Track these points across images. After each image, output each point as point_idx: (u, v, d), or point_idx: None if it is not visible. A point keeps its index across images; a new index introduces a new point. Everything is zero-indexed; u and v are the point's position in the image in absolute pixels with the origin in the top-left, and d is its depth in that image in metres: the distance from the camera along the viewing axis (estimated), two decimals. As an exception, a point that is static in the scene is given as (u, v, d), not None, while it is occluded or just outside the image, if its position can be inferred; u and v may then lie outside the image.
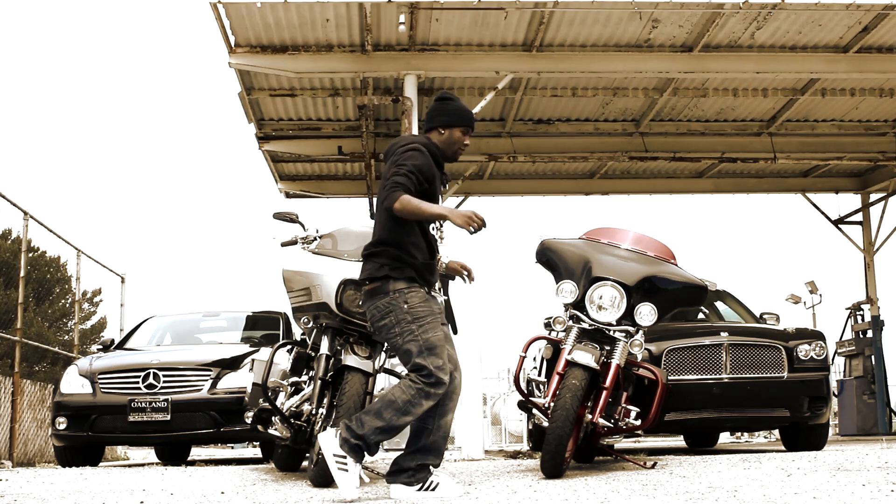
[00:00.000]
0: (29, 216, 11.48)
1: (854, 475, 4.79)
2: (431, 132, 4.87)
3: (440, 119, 4.85)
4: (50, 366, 26.75)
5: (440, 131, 4.84)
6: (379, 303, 4.59)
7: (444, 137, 4.83)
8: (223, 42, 10.30)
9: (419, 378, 4.49)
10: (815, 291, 24.60)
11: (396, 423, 4.44)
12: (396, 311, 4.55)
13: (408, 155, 4.65)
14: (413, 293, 4.58)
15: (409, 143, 4.74)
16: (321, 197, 15.81)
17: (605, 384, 5.69)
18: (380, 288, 4.59)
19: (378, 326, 4.65)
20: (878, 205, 16.12)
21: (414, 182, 4.56)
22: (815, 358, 8.43)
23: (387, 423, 4.43)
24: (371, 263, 4.67)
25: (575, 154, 13.65)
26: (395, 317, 4.55)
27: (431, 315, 4.58)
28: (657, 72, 11.08)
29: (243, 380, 8.40)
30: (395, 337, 4.56)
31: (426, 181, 4.63)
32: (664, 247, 6.14)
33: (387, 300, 4.57)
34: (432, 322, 4.57)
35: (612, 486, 4.86)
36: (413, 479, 4.57)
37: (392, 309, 4.56)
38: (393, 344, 4.62)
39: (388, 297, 4.57)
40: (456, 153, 4.91)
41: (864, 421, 15.80)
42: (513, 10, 9.90)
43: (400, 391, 4.48)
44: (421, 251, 4.65)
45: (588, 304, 5.79)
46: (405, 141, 4.80)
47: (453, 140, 4.85)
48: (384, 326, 4.60)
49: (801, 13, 10.16)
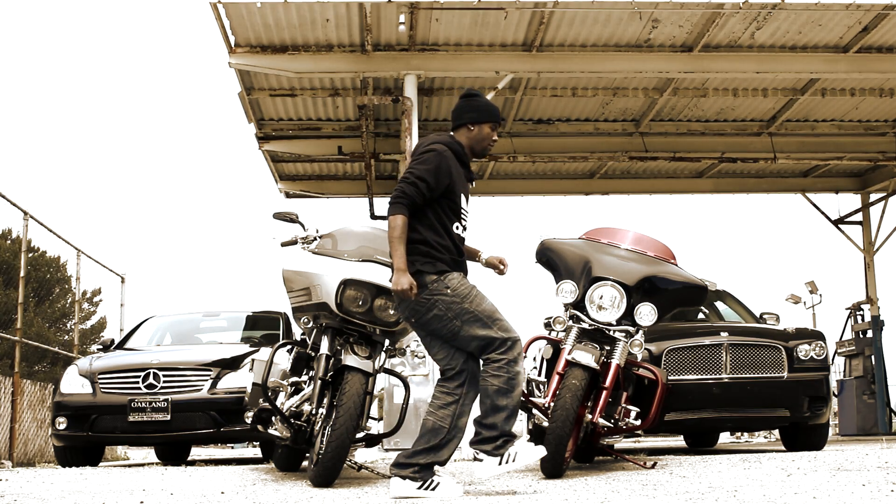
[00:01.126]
0: (29, 216, 11.48)
1: (854, 475, 4.79)
2: (459, 129, 4.90)
3: (469, 116, 4.88)
4: (50, 366, 26.74)
5: (469, 128, 4.87)
6: (419, 298, 4.58)
7: (473, 134, 4.87)
8: (223, 42, 10.30)
9: (498, 354, 4.53)
10: (815, 291, 24.62)
11: (515, 402, 4.52)
12: (442, 299, 4.56)
13: (423, 158, 4.67)
14: (449, 278, 4.60)
15: (429, 145, 4.76)
16: (321, 197, 15.81)
17: (605, 384, 5.70)
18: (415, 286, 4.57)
19: (426, 321, 4.62)
20: (878, 205, 16.12)
21: (421, 191, 4.59)
22: (815, 358, 8.43)
23: (508, 407, 4.51)
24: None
25: (575, 154, 13.65)
26: (444, 304, 4.56)
27: (474, 289, 4.63)
28: (657, 72, 11.08)
29: (243, 380, 8.39)
30: (450, 322, 4.56)
31: (440, 185, 4.63)
32: (664, 247, 6.14)
33: (427, 293, 4.57)
34: (478, 295, 4.62)
35: (612, 486, 4.86)
36: (417, 476, 4.55)
37: (436, 299, 4.56)
38: (451, 330, 4.58)
39: (426, 289, 4.57)
40: (485, 149, 4.94)
41: (864, 421, 15.79)
42: (513, 10, 9.90)
43: (494, 378, 4.51)
44: (448, 251, 4.68)
45: (588, 304, 5.79)
46: (427, 142, 4.81)
47: (483, 136, 4.88)
48: (434, 318, 4.59)
49: (801, 13, 10.16)
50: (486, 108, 4.90)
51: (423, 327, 4.68)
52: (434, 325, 4.62)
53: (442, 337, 4.64)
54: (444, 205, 4.70)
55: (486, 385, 4.54)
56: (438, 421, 4.60)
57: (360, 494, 4.66)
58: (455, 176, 4.72)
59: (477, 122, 4.87)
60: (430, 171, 4.62)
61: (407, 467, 4.57)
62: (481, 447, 4.53)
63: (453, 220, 4.74)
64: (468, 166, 4.89)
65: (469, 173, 4.89)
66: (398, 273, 4.49)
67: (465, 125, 4.88)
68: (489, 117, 4.88)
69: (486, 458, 4.51)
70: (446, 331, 4.60)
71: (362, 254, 5.33)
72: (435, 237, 4.64)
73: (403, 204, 4.55)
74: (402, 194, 4.57)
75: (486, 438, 4.52)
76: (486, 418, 4.53)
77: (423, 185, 4.59)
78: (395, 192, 4.59)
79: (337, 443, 4.90)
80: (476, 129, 4.87)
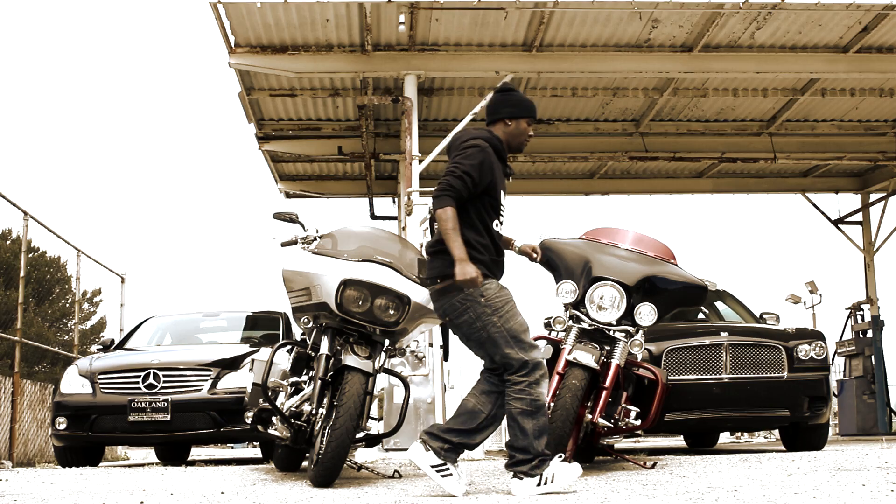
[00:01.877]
0: (29, 216, 11.48)
1: (854, 475, 4.79)
2: (496, 124, 4.86)
3: (507, 111, 4.84)
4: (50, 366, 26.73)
5: (507, 123, 4.83)
6: (454, 300, 4.57)
7: (510, 129, 4.83)
8: (223, 42, 10.31)
9: (520, 377, 4.49)
10: (815, 291, 24.61)
11: (542, 422, 4.48)
12: (475, 306, 4.53)
13: (468, 153, 4.62)
14: (487, 286, 4.57)
15: (471, 139, 4.70)
16: (321, 197, 15.82)
17: (605, 384, 5.70)
18: (453, 285, 4.54)
19: (457, 324, 4.62)
20: (878, 205, 16.13)
21: (468, 185, 4.55)
22: (815, 358, 8.43)
23: (535, 428, 4.46)
24: (440, 261, 4.62)
25: (575, 154, 13.65)
26: (475, 312, 4.53)
27: (509, 303, 4.58)
28: (657, 72, 11.09)
29: (243, 380, 8.38)
30: (479, 331, 4.54)
31: (483, 181, 4.60)
32: (664, 247, 6.14)
33: (462, 296, 4.54)
34: (511, 310, 4.57)
35: (612, 486, 4.86)
36: (441, 454, 4.50)
37: (469, 304, 4.54)
38: (477, 339, 4.57)
39: (462, 292, 4.54)
40: (521, 144, 4.90)
41: (864, 421, 15.79)
42: (513, 10, 9.90)
43: (516, 401, 4.47)
44: (488, 250, 4.66)
45: (588, 304, 5.79)
46: (467, 136, 4.75)
47: (520, 131, 4.85)
48: (464, 323, 4.58)
49: (801, 13, 10.16)
50: (523, 104, 4.87)
51: (457, 329, 4.69)
52: (465, 330, 4.62)
53: (473, 341, 4.63)
54: (484, 201, 4.66)
55: (511, 408, 4.50)
56: (479, 405, 4.58)
57: (360, 494, 4.65)
58: (496, 171, 4.69)
59: (514, 118, 4.83)
60: (474, 166, 4.58)
61: (437, 440, 4.52)
62: (517, 469, 4.48)
63: (493, 217, 4.71)
64: (506, 161, 4.85)
65: (507, 168, 4.85)
66: (461, 263, 4.42)
67: (502, 120, 4.84)
68: (526, 112, 4.85)
69: (525, 478, 4.46)
70: (475, 337, 4.59)
71: (362, 254, 5.32)
72: (476, 237, 4.61)
73: (451, 196, 4.50)
74: (448, 187, 4.51)
75: (521, 461, 4.48)
76: (517, 442, 4.49)
77: (468, 179, 4.54)
78: (442, 185, 4.53)
79: (337, 443, 4.89)
80: (513, 124, 4.83)
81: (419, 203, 10.29)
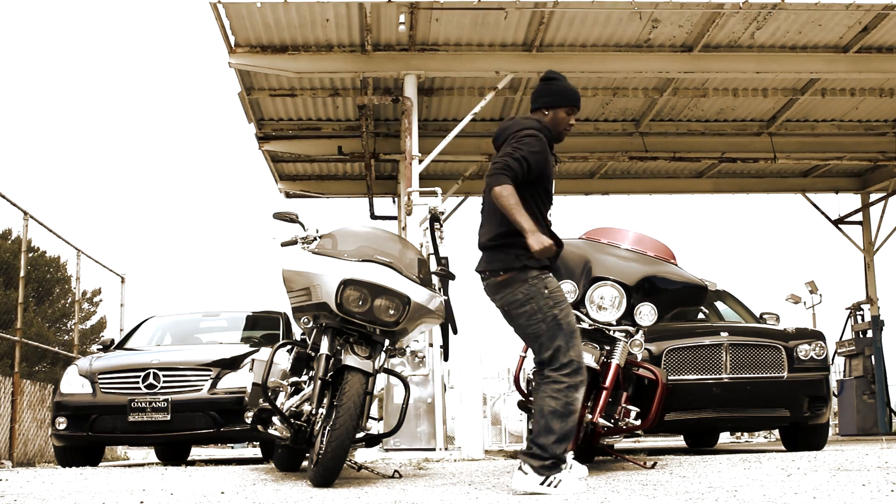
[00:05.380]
0: (29, 216, 11.48)
1: (854, 475, 4.79)
2: (535, 113, 4.84)
3: (544, 100, 4.82)
4: (50, 366, 26.73)
5: (544, 112, 4.82)
6: (518, 291, 4.57)
7: (548, 118, 4.81)
8: (223, 42, 10.31)
9: (562, 376, 4.48)
10: (815, 291, 24.60)
11: (569, 426, 4.46)
12: (538, 297, 4.55)
13: (526, 141, 4.61)
14: (549, 279, 4.60)
15: (527, 128, 4.68)
16: (321, 197, 15.82)
17: (605, 384, 5.70)
18: (517, 276, 4.56)
19: (517, 314, 4.61)
20: (878, 205, 16.13)
21: (524, 169, 4.53)
22: (815, 358, 8.43)
23: (562, 431, 4.44)
24: (503, 253, 4.62)
25: (575, 154, 13.65)
26: (537, 303, 4.54)
27: (566, 300, 4.61)
28: (657, 72, 11.09)
29: (243, 380, 8.38)
30: (538, 323, 4.54)
31: (537, 168, 4.58)
32: (664, 247, 6.14)
33: (526, 287, 4.56)
34: (568, 307, 4.61)
35: (612, 486, 4.86)
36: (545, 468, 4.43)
37: (533, 295, 4.55)
38: (535, 331, 4.56)
39: (527, 284, 4.55)
40: (561, 134, 4.86)
41: (864, 421, 15.80)
42: (513, 10, 9.90)
43: (552, 399, 4.45)
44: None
45: (588, 303, 5.79)
46: (522, 125, 4.73)
47: (558, 120, 4.82)
48: (525, 313, 4.58)
49: (801, 13, 10.16)
50: (562, 93, 4.83)
51: (513, 320, 4.69)
52: (522, 321, 4.61)
53: (530, 334, 4.62)
54: (539, 190, 4.66)
55: (543, 404, 4.48)
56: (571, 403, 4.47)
57: (360, 494, 4.65)
58: (549, 161, 4.69)
59: (551, 107, 4.80)
60: (534, 153, 4.57)
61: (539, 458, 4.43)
62: (529, 460, 4.46)
63: (547, 206, 4.72)
64: (552, 148, 4.81)
65: (554, 156, 4.82)
66: (534, 234, 4.37)
67: (541, 109, 4.83)
68: (565, 101, 4.81)
69: (531, 472, 4.44)
70: (532, 329, 4.58)
71: (362, 254, 5.32)
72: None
73: (508, 175, 4.48)
74: (506, 166, 4.49)
75: (536, 455, 4.45)
76: (539, 438, 4.46)
77: (525, 164, 4.53)
78: (499, 164, 4.51)
79: (337, 443, 4.89)
80: (551, 113, 4.81)
81: (419, 203, 10.28)
